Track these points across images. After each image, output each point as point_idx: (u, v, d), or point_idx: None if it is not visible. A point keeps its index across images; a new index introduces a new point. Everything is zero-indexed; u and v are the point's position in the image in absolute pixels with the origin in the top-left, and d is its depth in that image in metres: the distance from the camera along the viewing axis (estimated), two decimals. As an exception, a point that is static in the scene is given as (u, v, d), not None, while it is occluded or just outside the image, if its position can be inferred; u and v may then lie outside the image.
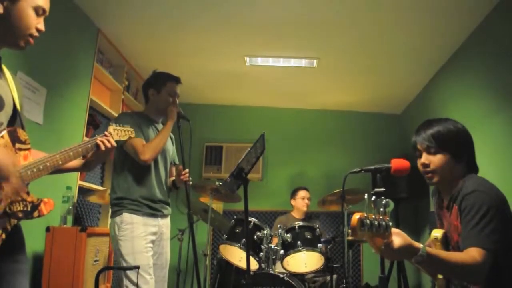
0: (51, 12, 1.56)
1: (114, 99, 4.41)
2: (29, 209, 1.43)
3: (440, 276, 1.66)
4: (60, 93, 3.30)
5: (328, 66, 4.49)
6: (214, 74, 4.86)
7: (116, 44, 4.17)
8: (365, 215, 1.27)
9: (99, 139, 1.72)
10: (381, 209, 1.31)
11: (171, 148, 2.71)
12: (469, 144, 1.72)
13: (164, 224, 2.58)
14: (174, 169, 2.80)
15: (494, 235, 1.47)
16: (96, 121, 4.01)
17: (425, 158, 1.73)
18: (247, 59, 4.38)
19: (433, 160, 1.71)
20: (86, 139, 3.65)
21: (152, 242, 2.47)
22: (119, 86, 4.37)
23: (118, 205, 2.44)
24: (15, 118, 1.50)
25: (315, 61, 4.35)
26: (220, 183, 3.64)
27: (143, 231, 2.41)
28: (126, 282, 2.32)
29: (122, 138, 1.91)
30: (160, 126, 2.68)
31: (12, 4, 1.40)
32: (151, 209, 2.48)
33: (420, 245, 1.38)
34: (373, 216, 1.28)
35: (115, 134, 1.84)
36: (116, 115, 4.04)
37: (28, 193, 1.45)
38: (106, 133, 1.77)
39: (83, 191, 3.71)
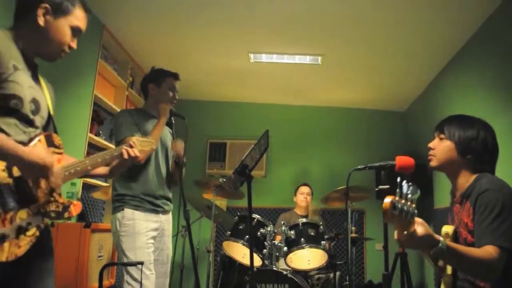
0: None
1: (118, 95, 4.41)
2: (60, 209, 1.54)
3: (448, 272, 1.67)
4: (64, 89, 3.30)
5: (333, 63, 4.48)
6: (218, 71, 4.86)
7: (120, 40, 4.17)
8: (397, 198, 1.27)
9: (124, 147, 1.84)
10: (409, 196, 1.30)
11: (171, 143, 2.71)
12: (484, 147, 1.72)
13: (165, 220, 2.58)
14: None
15: (509, 233, 1.48)
16: (100, 117, 4.01)
17: (432, 142, 1.80)
18: (251, 55, 4.38)
19: (438, 145, 1.77)
20: (90, 135, 3.68)
21: (153, 238, 2.47)
22: (123, 83, 4.37)
23: (120, 201, 2.44)
24: (48, 123, 1.63)
25: (319, 58, 4.34)
26: (224, 180, 3.64)
27: (145, 227, 2.41)
28: (127, 277, 2.32)
29: (145, 148, 2.02)
30: None
31: (53, 20, 1.51)
32: (153, 205, 2.48)
33: (440, 238, 1.40)
34: (403, 201, 1.28)
35: (138, 144, 1.93)
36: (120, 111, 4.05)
37: (60, 195, 1.55)
38: (131, 143, 1.88)
39: (87, 187, 3.72)
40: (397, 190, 1.30)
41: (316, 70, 4.68)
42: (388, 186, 2.10)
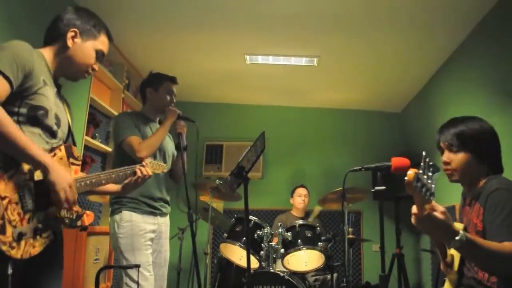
0: (52, 11, 1.63)
1: (114, 98, 4.40)
2: (74, 217, 1.62)
3: (455, 269, 1.68)
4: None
5: (328, 65, 4.48)
6: (214, 73, 4.86)
7: (116, 42, 4.15)
8: (420, 171, 1.24)
9: (137, 167, 1.93)
10: (429, 174, 1.27)
11: (170, 147, 2.71)
12: (493, 144, 1.73)
13: (163, 223, 2.59)
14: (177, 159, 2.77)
15: None
16: (96, 119, 4.00)
17: (446, 156, 1.75)
18: (247, 57, 4.38)
19: (454, 158, 1.73)
20: (86, 138, 3.67)
21: (151, 240, 2.47)
22: (119, 85, 4.36)
23: (118, 203, 2.45)
24: (68, 137, 1.75)
25: (315, 59, 4.34)
26: (221, 182, 3.64)
27: (143, 228, 2.42)
28: (125, 279, 2.33)
29: (156, 171, 2.10)
30: (157, 126, 2.68)
31: (81, 42, 1.68)
32: (151, 207, 2.49)
33: (460, 229, 1.36)
34: (425, 177, 1.25)
35: (150, 166, 2.02)
36: (116, 113, 4.04)
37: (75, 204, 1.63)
38: (143, 163, 1.97)
39: (83, 190, 3.70)
40: (421, 164, 1.26)
41: (312, 72, 4.68)
42: (384, 187, 2.10)
